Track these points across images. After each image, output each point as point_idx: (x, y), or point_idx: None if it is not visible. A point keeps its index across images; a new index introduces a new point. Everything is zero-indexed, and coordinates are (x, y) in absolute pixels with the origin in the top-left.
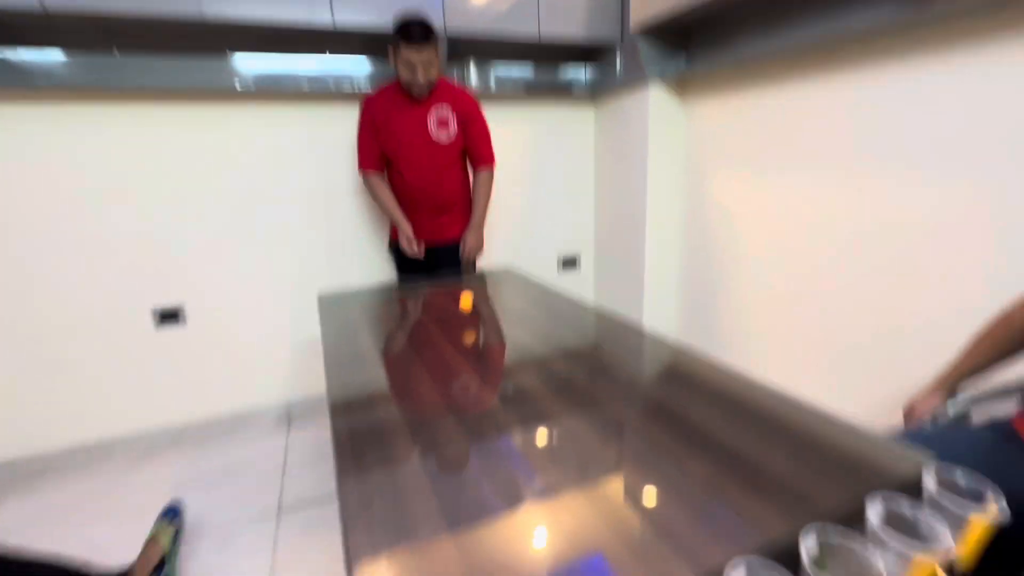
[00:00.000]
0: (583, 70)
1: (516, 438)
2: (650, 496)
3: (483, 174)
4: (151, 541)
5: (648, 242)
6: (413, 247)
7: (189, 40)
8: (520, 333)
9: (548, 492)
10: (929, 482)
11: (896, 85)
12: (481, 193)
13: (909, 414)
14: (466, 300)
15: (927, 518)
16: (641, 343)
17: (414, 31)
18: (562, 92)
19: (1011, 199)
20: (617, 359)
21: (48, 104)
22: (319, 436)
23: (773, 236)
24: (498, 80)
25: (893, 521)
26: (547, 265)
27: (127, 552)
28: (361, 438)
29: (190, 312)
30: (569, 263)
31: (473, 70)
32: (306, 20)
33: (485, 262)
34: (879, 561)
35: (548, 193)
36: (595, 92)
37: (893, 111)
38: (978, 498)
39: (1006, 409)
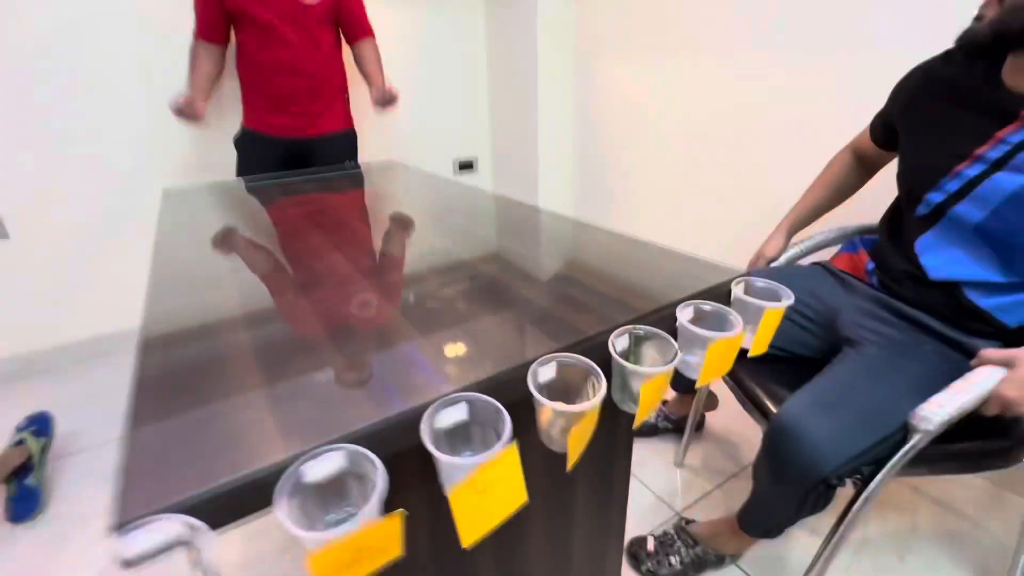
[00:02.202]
0: None
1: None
2: (483, 319)
3: (368, 43)
4: (13, 446)
5: (541, 135)
6: (191, 108)
7: None
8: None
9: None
10: (736, 289)
11: None
12: (374, 60)
13: (756, 256)
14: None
15: (728, 314)
16: (509, 209)
17: None
18: None
19: (864, 72)
20: (490, 224)
21: None
22: None
23: (661, 121)
24: None
25: (704, 322)
26: (442, 168)
27: None
28: (176, 375)
29: (14, 224)
30: (465, 166)
31: None
32: None
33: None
34: (674, 344)
35: (440, 88)
36: None
37: None
38: (774, 298)
39: (828, 255)
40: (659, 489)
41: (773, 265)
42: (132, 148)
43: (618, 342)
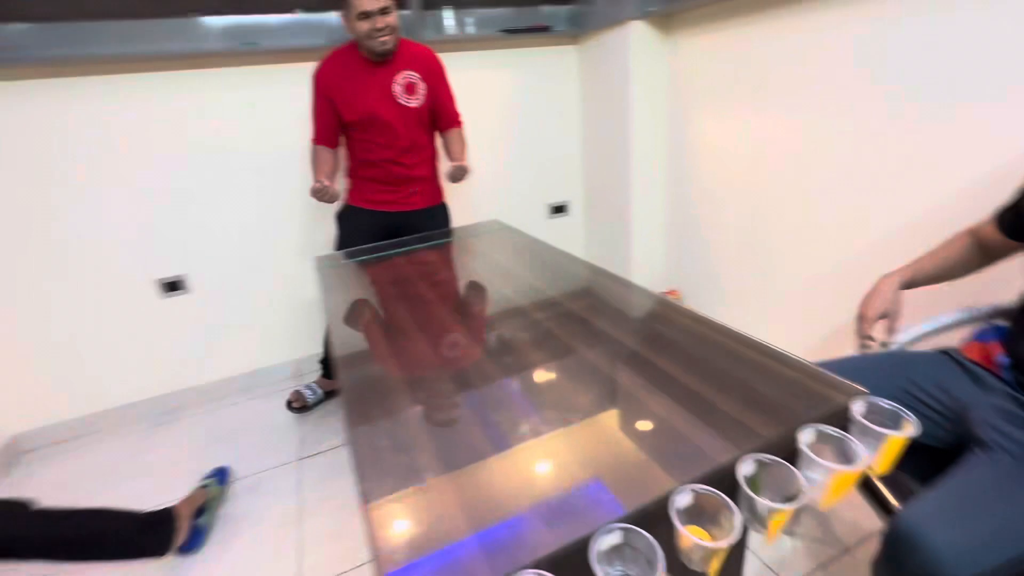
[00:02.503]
0: (563, 7)
1: (504, 388)
2: (620, 437)
3: (456, 131)
4: (200, 488)
5: (634, 182)
6: (324, 192)
7: (155, 4)
8: (510, 289)
9: (531, 434)
10: (855, 410)
11: (890, 21)
12: (458, 141)
13: (868, 310)
14: None
15: (850, 441)
16: (617, 291)
17: None
18: (542, 33)
19: (993, 133)
20: (598, 310)
21: (25, 80)
22: None
23: (754, 171)
24: (477, 25)
25: (824, 445)
26: (536, 212)
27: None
28: (365, 392)
29: (193, 281)
30: (558, 209)
31: (449, 17)
32: None
33: (473, 213)
34: (801, 477)
35: (534, 138)
36: (576, 30)
37: (880, 45)
38: (895, 420)
39: (953, 340)
40: (768, 558)
41: (892, 348)
42: (268, 225)
43: (744, 466)
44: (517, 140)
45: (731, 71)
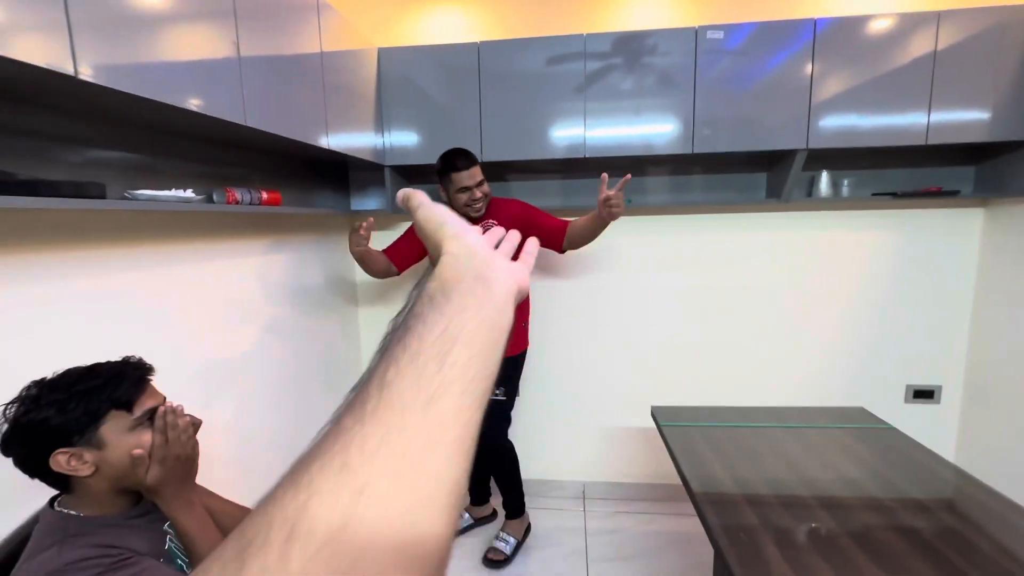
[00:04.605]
0: (969, 167)
1: None
2: None
3: (569, 226)
4: None
5: None
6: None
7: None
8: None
9: None
10: None
11: None
12: (579, 221)
13: None
14: None
15: None
16: None
17: (459, 157)
18: (940, 196)
19: None
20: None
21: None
22: (614, 519)
23: None
24: (855, 185)
25: None
26: (891, 393)
27: None
28: None
29: None
30: (923, 394)
31: (824, 179)
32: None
33: (819, 382)
34: None
35: (902, 308)
36: (989, 193)
37: None
38: None
39: None
40: None
41: None
42: None
43: None
44: (879, 309)
45: None
